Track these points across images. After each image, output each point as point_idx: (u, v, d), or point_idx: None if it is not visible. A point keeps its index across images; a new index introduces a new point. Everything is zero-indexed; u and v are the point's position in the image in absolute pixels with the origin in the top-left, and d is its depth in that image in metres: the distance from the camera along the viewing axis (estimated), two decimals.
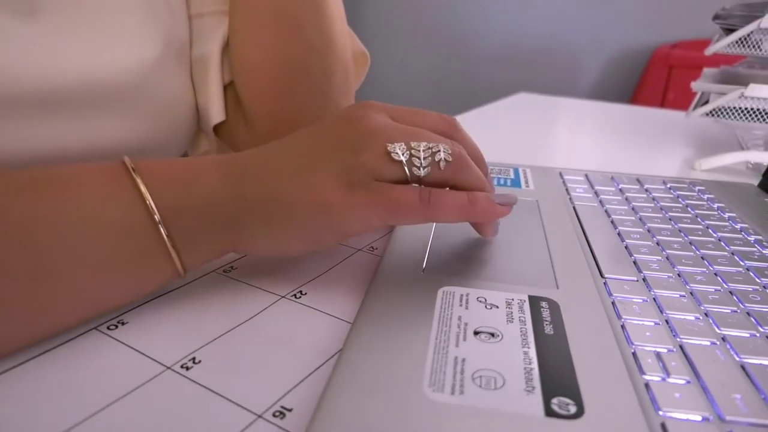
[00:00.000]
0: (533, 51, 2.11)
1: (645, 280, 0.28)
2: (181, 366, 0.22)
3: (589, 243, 0.32)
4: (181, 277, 0.25)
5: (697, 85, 0.57)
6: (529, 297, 0.25)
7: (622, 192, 0.41)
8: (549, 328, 0.23)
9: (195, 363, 0.22)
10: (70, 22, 0.31)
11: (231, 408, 0.20)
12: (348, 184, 0.25)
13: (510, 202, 0.28)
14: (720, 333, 0.24)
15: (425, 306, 0.24)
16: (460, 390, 0.19)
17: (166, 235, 0.23)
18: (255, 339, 0.24)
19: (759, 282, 0.28)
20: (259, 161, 0.27)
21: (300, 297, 0.27)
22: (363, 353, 0.21)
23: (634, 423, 0.18)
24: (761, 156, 0.54)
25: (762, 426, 0.18)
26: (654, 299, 0.26)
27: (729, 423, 0.18)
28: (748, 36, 0.53)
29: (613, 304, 0.26)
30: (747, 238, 0.34)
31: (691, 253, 0.31)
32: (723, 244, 0.33)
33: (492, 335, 0.22)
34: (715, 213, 0.38)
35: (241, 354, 0.23)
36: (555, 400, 0.19)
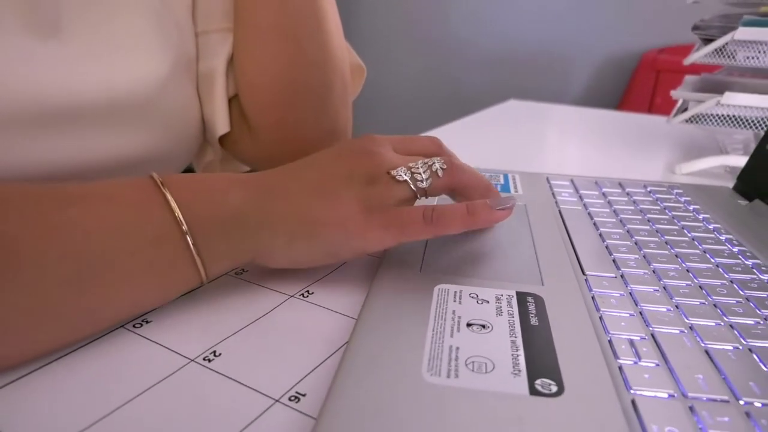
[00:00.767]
0: (524, 57, 2.15)
1: (623, 276, 0.31)
2: (204, 358, 0.24)
3: (573, 243, 0.35)
4: (203, 285, 0.28)
5: (677, 94, 0.60)
6: (517, 293, 0.28)
7: (605, 196, 0.44)
8: (534, 320, 0.26)
9: (216, 356, 0.25)
10: (90, 42, 0.34)
11: (251, 394, 0.22)
12: (367, 208, 0.28)
13: (508, 204, 0.30)
14: (688, 323, 0.26)
15: (423, 302, 0.27)
16: (455, 374, 0.22)
17: (192, 244, 0.25)
18: (269, 333, 0.26)
19: (727, 277, 0.31)
20: (283, 180, 0.29)
21: (308, 296, 0.30)
22: (368, 344, 0.23)
23: (608, 400, 0.21)
24: (737, 160, 0.57)
25: (719, 401, 0.21)
26: (630, 293, 0.29)
27: (690, 399, 0.21)
28: (724, 47, 0.55)
29: (593, 298, 0.28)
30: (719, 237, 0.37)
31: (666, 252, 0.34)
32: (696, 243, 0.35)
33: (483, 327, 0.25)
34: (691, 215, 0.41)
35: (258, 347, 0.25)
36: (539, 381, 0.21)
